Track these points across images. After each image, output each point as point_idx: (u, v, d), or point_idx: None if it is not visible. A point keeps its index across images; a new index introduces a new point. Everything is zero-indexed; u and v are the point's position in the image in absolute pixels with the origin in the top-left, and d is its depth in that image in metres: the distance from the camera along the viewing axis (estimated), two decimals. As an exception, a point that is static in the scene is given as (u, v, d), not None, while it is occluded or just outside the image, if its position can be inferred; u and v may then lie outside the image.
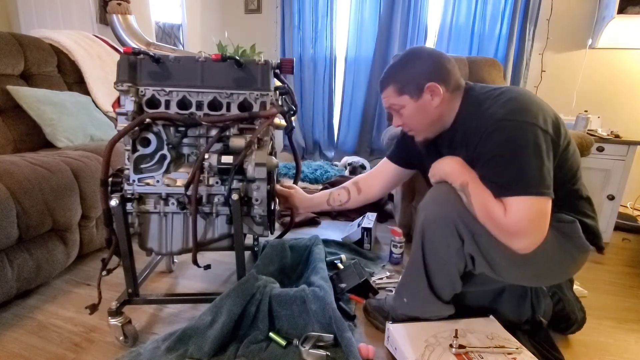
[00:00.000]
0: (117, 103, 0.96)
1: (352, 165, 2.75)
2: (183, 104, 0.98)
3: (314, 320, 1.02)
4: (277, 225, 1.69)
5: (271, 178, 1.04)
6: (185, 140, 1.00)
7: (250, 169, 0.96)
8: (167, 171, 0.97)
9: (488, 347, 0.89)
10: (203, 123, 0.96)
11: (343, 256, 1.50)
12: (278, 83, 1.12)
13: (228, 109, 0.99)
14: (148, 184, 0.96)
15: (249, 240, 1.56)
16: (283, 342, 0.98)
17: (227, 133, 0.99)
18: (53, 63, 1.82)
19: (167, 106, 0.97)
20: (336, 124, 3.27)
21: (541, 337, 1.03)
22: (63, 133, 1.54)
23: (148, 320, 1.12)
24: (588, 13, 2.52)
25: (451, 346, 0.89)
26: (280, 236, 1.39)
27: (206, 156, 0.94)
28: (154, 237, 1.00)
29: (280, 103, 1.09)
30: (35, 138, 1.55)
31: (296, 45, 3.16)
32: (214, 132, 0.99)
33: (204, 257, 1.50)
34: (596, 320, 1.20)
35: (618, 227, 2.00)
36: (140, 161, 0.96)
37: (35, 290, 1.25)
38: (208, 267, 1.07)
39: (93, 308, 0.98)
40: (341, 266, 1.42)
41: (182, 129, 0.99)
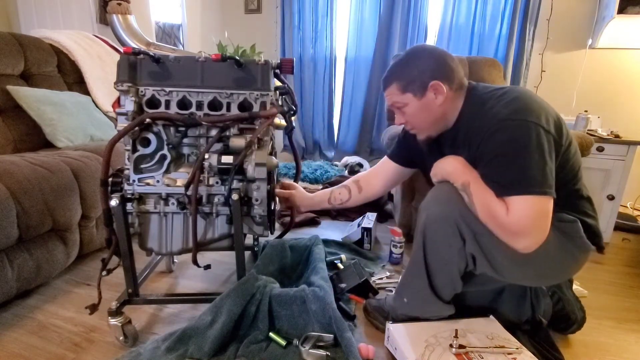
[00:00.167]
0: (117, 103, 0.96)
1: (350, 165, 2.75)
2: (183, 104, 0.98)
3: (314, 320, 1.02)
4: (277, 225, 1.69)
5: (271, 178, 1.04)
6: (185, 140, 1.00)
7: (250, 169, 0.96)
8: (167, 171, 0.97)
9: (488, 347, 0.89)
10: (203, 123, 0.96)
11: (343, 256, 1.50)
12: (278, 83, 1.12)
13: (228, 109, 0.99)
14: (148, 184, 0.96)
15: (249, 240, 1.56)
16: (283, 342, 0.98)
17: (227, 133, 0.99)
18: (53, 63, 1.82)
19: (167, 106, 0.97)
20: (336, 124, 3.27)
21: (541, 337, 1.03)
22: (63, 133, 1.54)
23: (148, 320, 1.12)
24: (588, 13, 2.52)
25: (451, 346, 0.89)
26: (280, 236, 1.39)
27: (206, 156, 0.94)
28: (154, 237, 1.00)
29: (280, 103, 1.09)
30: (35, 138, 1.55)
31: (296, 45, 3.16)
32: (214, 132, 0.99)
33: (204, 257, 1.50)
34: (596, 320, 1.20)
35: (618, 227, 2.00)
36: (140, 161, 0.96)
37: (35, 290, 1.25)
38: (208, 267, 1.07)
39: (93, 308, 0.98)
40: (341, 266, 1.42)
41: (182, 129, 0.99)
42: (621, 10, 2.17)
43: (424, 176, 1.13)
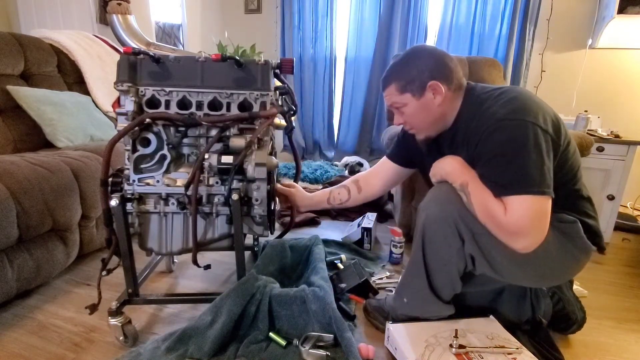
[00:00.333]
0: (117, 103, 0.96)
1: (350, 165, 2.75)
2: (183, 104, 0.98)
3: (314, 320, 1.02)
4: (277, 225, 1.69)
5: (271, 178, 1.04)
6: (185, 140, 1.00)
7: (250, 169, 0.96)
8: (167, 171, 0.97)
9: (488, 347, 0.89)
10: (203, 123, 0.96)
11: (343, 256, 1.50)
12: (278, 83, 1.12)
13: (228, 109, 0.99)
14: (148, 184, 0.96)
15: (249, 240, 1.56)
16: (283, 342, 0.98)
17: (227, 133, 0.99)
18: (53, 63, 1.82)
19: (167, 106, 0.97)
20: (336, 124, 3.27)
21: (541, 337, 1.03)
22: (63, 133, 1.54)
23: (148, 320, 1.12)
24: (588, 13, 2.52)
25: (451, 346, 0.89)
26: (280, 236, 1.39)
27: (206, 156, 0.94)
28: (154, 237, 1.00)
29: (280, 103, 1.09)
30: (35, 138, 1.55)
31: (296, 45, 3.16)
32: (214, 132, 0.99)
33: (204, 257, 1.50)
34: (596, 320, 1.20)
35: (618, 227, 2.00)
36: (140, 161, 0.96)
37: (35, 290, 1.25)
38: (208, 267, 1.07)
39: (93, 308, 0.98)
40: (341, 266, 1.42)
41: (182, 129, 0.99)
42: (621, 10, 2.17)
43: (423, 176, 1.13)
